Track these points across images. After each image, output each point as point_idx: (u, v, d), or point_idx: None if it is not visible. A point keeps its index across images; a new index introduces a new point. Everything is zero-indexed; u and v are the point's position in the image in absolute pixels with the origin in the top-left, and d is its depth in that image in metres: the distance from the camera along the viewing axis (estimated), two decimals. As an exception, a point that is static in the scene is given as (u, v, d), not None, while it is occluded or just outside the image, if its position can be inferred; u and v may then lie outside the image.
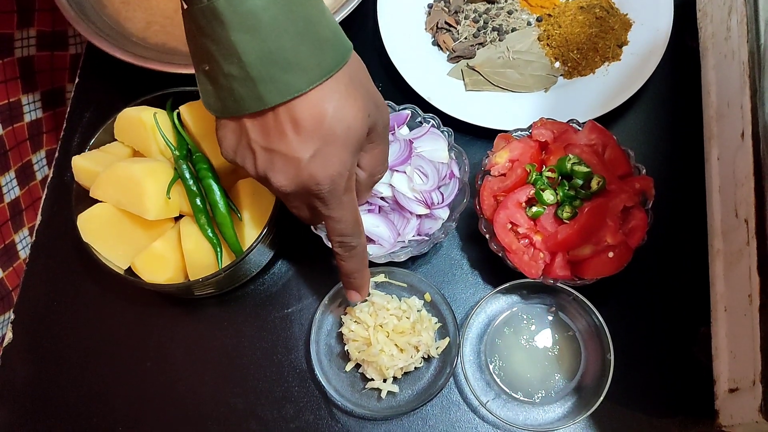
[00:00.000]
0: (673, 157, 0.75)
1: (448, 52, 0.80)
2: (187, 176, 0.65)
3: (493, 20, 0.80)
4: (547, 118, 0.69)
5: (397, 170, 0.66)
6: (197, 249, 0.64)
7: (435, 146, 0.68)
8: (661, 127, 0.76)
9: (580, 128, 0.69)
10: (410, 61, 0.77)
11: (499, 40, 0.79)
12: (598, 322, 0.64)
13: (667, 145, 0.75)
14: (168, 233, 0.65)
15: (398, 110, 0.70)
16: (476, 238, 0.70)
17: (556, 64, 0.78)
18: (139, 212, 0.63)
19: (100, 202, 0.65)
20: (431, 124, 0.70)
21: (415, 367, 0.67)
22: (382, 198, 0.67)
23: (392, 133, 0.68)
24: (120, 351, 0.71)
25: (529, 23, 0.80)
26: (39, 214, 0.77)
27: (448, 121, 0.72)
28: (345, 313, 0.68)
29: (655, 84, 0.77)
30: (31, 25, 0.81)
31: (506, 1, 0.81)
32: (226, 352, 0.70)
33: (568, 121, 0.69)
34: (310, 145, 0.49)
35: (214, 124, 0.53)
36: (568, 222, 0.65)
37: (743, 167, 0.59)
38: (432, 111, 0.72)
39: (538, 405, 0.66)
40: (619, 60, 0.77)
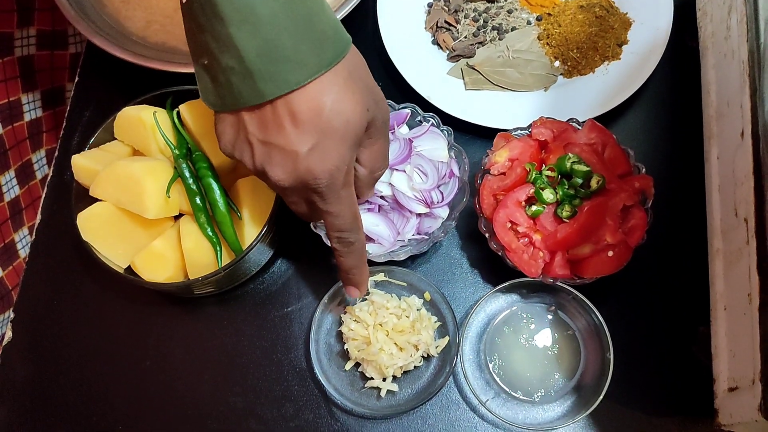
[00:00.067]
0: (673, 157, 0.75)
1: (447, 51, 0.80)
2: (187, 175, 0.65)
3: (493, 19, 0.80)
4: (546, 117, 0.69)
5: (396, 169, 0.66)
6: (197, 248, 0.64)
7: (435, 145, 0.68)
8: (661, 126, 0.76)
9: (579, 127, 0.69)
10: (410, 60, 0.77)
11: (498, 39, 0.79)
12: (598, 321, 0.65)
13: (666, 145, 0.75)
14: (168, 232, 0.65)
15: (398, 109, 0.70)
16: (476, 237, 0.70)
17: (556, 63, 0.78)
18: (139, 211, 0.63)
19: (100, 201, 0.65)
20: (431, 123, 0.70)
21: (415, 366, 0.67)
22: (381, 197, 0.67)
23: (392, 132, 0.67)
24: (120, 350, 0.71)
25: (528, 22, 0.80)
26: (39, 213, 0.77)
27: (447, 120, 0.72)
28: (345, 312, 0.68)
29: (655, 83, 0.77)
30: (31, 25, 0.81)
31: (506, 0, 0.82)
32: (225, 350, 0.70)
33: (567, 120, 0.69)
34: (307, 138, 0.49)
35: (213, 121, 0.53)
36: (568, 221, 0.65)
37: (743, 166, 0.59)
38: (432, 110, 0.72)
39: (537, 404, 0.66)
40: (619, 59, 0.77)
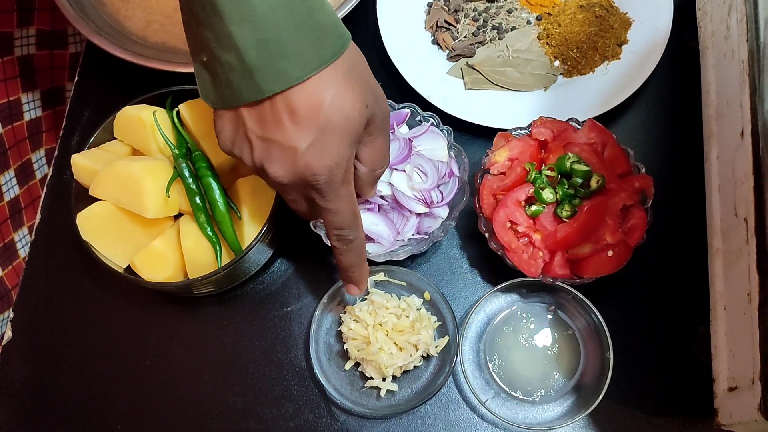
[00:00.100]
0: (673, 156, 0.75)
1: (447, 51, 0.80)
2: (187, 174, 0.65)
3: (493, 19, 0.80)
4: (546, 117, 0.69)
5: (396, 169, 0.66)
6: (196, 247, 0.64)
7: (434, 145, 0.68)
8: (661, 126, 0.76)
9: (579, 127, 0.69)
10: (410, 60, 0.77)
11: (498, 38, 0.79)
12: (598, 320, 0.64)
13: (666, 144, 0.75)
14: (167, 232, 0.65)
15: (398, 109, 0.70)
16: (475, 237, 0.70)
17: (556, 62, 0.78)
18: (139, 211, 0.63)
19: (100, 200, 0.65)
20: (431, 122, 0.69)
21: (415, 366, 0.67)
22: (381, 196, 0.66)
23: (392, 132, 0.67)
24: (119, 349, 0.71)
25: (528, 22, 0.80)
26: (38, 212, 0.77)
27: (447, 119, 0.72)
28: (344, 312, 0.68)
29: (655, 83, 0.77)
30: (30, 24, 0.81)
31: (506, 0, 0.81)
32: (225, 350, 0.70)
33: (567, 119, 0.69)
34: (306, 134, 0.49)
35: (213, 119, 0.53)
36: (568, 221, 0.65)
37: (743, 166, 0.59)
38: (431, 110, 0.72)
39: (537, 404, 0.66)
40: (619, 59, 0.77)
